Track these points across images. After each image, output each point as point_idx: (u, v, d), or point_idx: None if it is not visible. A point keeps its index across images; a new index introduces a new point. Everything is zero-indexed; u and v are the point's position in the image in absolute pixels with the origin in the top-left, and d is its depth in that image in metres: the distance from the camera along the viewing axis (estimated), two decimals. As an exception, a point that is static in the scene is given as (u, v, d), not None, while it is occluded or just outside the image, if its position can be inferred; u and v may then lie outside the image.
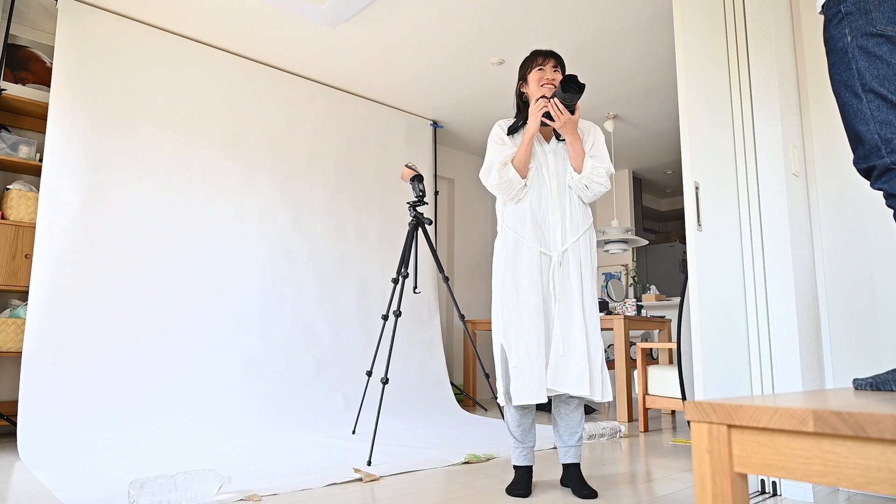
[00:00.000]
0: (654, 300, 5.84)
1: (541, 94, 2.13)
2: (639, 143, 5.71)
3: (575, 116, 2.05)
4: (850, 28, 1.25)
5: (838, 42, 1.27)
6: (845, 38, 1.26)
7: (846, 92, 1.26)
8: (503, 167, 2.07)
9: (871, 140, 1.21)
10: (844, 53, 1.25)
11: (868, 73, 1.22)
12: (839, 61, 1.27)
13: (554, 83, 2.13)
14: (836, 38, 1.28)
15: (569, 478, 2.10)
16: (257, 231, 3.81)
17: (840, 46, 1.26)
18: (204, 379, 3.34)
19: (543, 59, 2.17)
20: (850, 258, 2.19)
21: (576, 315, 2.03)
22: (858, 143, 1.25)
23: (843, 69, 1.26)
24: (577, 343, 2.01)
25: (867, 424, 0.66)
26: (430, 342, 4.59)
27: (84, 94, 3.24)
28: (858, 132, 1.24)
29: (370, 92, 4.58)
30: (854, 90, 1.24)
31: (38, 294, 2.91)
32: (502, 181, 2.07)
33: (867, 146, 1.23)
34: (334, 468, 2.47)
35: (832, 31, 1.29)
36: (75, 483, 2.22)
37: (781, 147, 2.13)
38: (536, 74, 2.16)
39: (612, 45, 3.83)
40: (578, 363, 1.99)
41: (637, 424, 3.81)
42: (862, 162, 1.25)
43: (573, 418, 2.10)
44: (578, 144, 2.10)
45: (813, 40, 2.36)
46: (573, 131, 2.08)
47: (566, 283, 2.06)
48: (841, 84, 1.27)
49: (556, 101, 2.02)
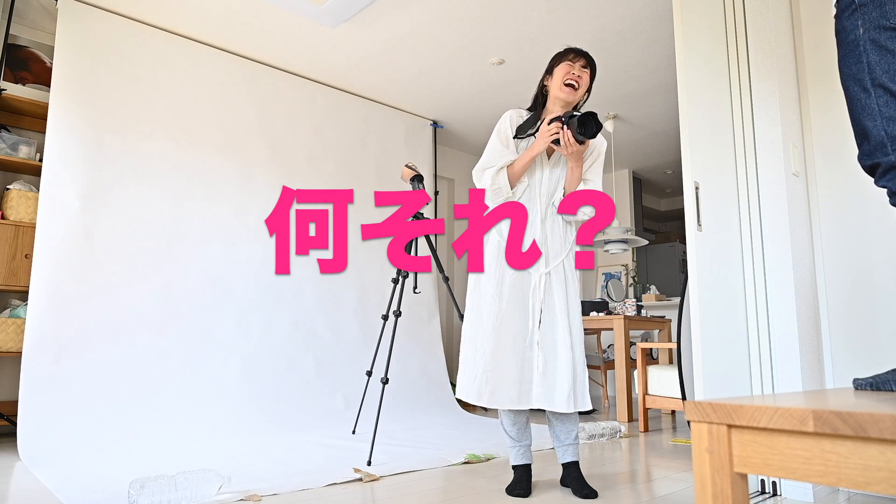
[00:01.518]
0: (654, 300, 5.84)
1: (560, 93, 2.09)
2: (639, 143, 5.71)
3: (584, 147, 2.02)
4: (863, 20, 1.21)
5: (850, 34, 1.23)
6: (857, 30, 1.21)
7: (855, 86, 1.23)
8: (497, 174, 2.06)
9: (877, 136, 1.19)
10: (855, 46, 1.22)
11: (879, 67, 1.18)
12: (849, 54, 1.23)
13: (578, 81, 2.09)
14: (848, 29, 1.24)
15: (569, 477, 2.09)
16: (257, 231, 3.81)
17: (851, 38, 1.23)
18: (204, 379, 3.33)
19: (575, 56, 2.12)
20: (851, 258, 2.19)
21: (560, 333, 2.02)
22: (864, 138, 1.22)
23: (853, 62, 1.22)
24: (562, 360, 2.00)
25: (867, 424, 0.66)
26: (430, 342, 4.59)
27: (84, 94, 3.24)
28: (865, 127, 1.21)
29: (370, 92, 4.57)
30: (863, 84, 1.21)
31: (38, 294, 2.91)
32: (493, 188, 2.06)
33: (872, 142, 1.20)
34: (334, 468, 2.47)
35: (844, 22, 1.25)
36: (75, 483, 2.22)
37: (781, 147, 2.13)
38: (564, 68, 2.10)
39: (612, 45, 3.83)
40: (565, 381, 1.98)
41: (637, 424, 3.81)
42: (866, 158, 1.22)
43: (569, 417, 2.11)
44: (578, 172, 2.07)
45: (813, 40, 2.36)
46: (578, 160, 2.05)
47: (549, 300, 2.04)
48: (850, 77, 1.24)
49: (569, 133, 1.97)
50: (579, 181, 2.08)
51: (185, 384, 3.25)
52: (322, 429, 3.50)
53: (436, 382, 4.42)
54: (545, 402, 1.99)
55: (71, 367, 2.92)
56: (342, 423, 3.61)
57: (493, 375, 1.98)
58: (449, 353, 5.44)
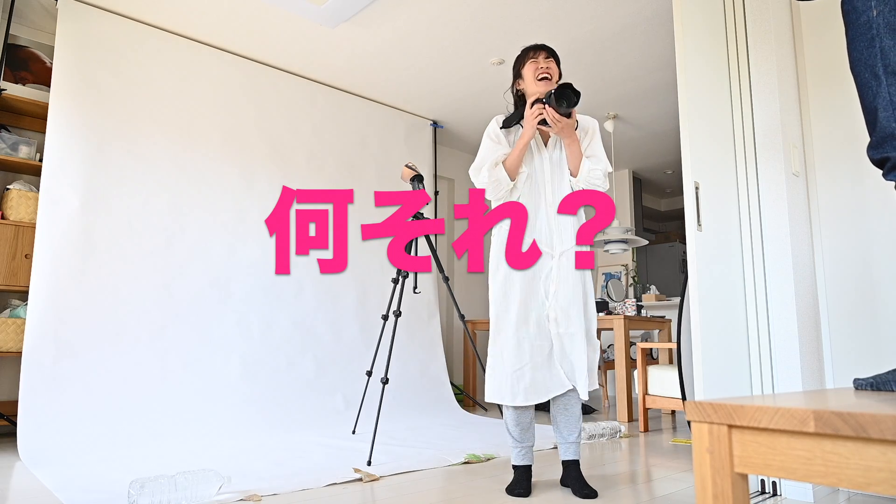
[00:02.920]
0: (654, 300, 5.84)
1: (537, 88, 2.12)
2: (639, 143, 5.71)
3: (571, 120, 2.04)
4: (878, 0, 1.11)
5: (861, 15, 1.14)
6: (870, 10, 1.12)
7: (865, 72, 1.14)
8: (494, 168, 2.08)
9: (886, 127, 1.11)
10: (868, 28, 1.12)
11: (892, 53, 1.10)
12: (860, 37, 1.14)
13: (549, 72, 2.12)
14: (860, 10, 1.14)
15: (569, 477, 2.10)
16: (257, 231, 3.81)
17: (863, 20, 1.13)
18: (204, 379, 3.33)
19: (535, 52, 2.17)
20: (850, 258, 2.19)
21: (575, 317, 2.04)
22: (873, 127, 1.15)
23: (865, 46, 1.13)
24: (578, 344, 2.03)
25: (868, 425, 0.66)
26: (430, 342, 4.58)
27: (84, 94, 3.23)
28: (876, 116, 1.13)
29: (370, 92, 4.57)
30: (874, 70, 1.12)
31: (38, 294, 2.91)
32: (491, 181, 2.07)
33: (881, 133, 1.13)
34: (334, 468, 2.47)
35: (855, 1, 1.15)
36: (75, 483, 2.22)
37: (781, 147, 2.13)
38: (531, 66, 2.15)
39: (612, 45, 3.83)
40: (582, 364, 2.01)
41: (637, 424, 3.81)
42: (875, 151, 1.16)
43: (574, 413, 2.12)
44: (576, 146, 2.10)
45: (813, 40, 2.36)
46: (570, 134, 2.08)
47: (564, 286, 2.06)
48: (860, 62, 1.15)
49: (552, 109, 2.00)
50: (579, 156, 2.10)
51: (185, 384, 3.25)
52: (322, 429, 3.50)
53: (436, 382, 4.42)
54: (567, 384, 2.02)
55: (71, 367, 2.92)
56: (342, 423, 3.61)
57: (522, 374, 2.00)
58: (449, 353, 5.44)
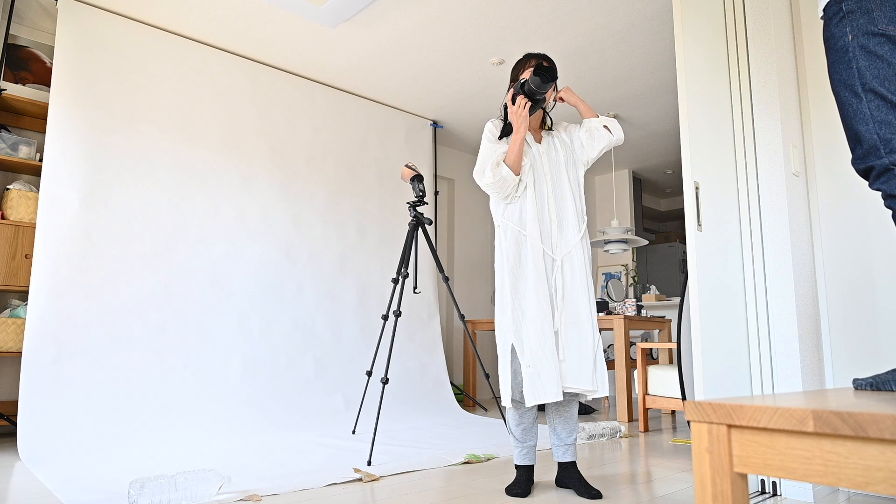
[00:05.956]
0: (654, 300, 5.84)
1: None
2: (639, 143, 5.71)
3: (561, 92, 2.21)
4: (852, 27, 1.23)
5: (839, 41, 1.26)
6: (846, 36, 1.24)
7: (846, 91, 1.25)
8: (496, 166, 2.08)
9: (869, 140, 1.21)
10: (845, 52, 1.24)
11: (868, 72, 1.21)
12: (839, 60, 1.26)
13: None
14: (837, 36, 1.26)
15: (569, 478, 2.10)
16: (257, 231, 3.81)
17: (841, 45, 1.25)
18: (204, 379, 3.34)
19: (536, 60, 2.17)
20: (850, 258, 2.19)
21: (583, 313, 2.05)
22: (857, 142, 1.24)
23: (844, 68, 1.25)
24: (587, 341, 2.04)
25: (867, 424, 0.66)
26: (430, 342, 4.58)
27: (84, 94, 3.24)
28: (857, 132, 1.23)
29: (370, 92, 4.57)
30: (854, 89, 1.23)
31: (38, 294, 2.91)
32: (496, 180, 2.07)
33: (865, 146, 1.22)
34: (334, 468, 2.47)
35: (833, 29, 1.28)
36: (75, 483, 2.22)
37: (781, 147, 2.13)
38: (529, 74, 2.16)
39: (612, 45, 3.83)
40: (589, 361, 2.02)
41: (637, 424, 3.81)
42: (860, 162, 1.24)
43: (572, 414, 2.13)
44: (582, 106, 2.25)
45: (813, 41, 2.36)
46: (570, 99, 2.24)
47: (572, 282, 2.07)
48: (841, 83, 1.26)
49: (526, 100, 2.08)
50: (590, 110, 2.26)
51: (185, 384, 3.25)
52: (322, 429, 3.50)
53: (436, 382, 4.42)
54: (574, 381, 2.02)
55: (71, 367, 2.92)
56: (342, 423, 3.61)
57: (534, 374, 2.00)
58: (449, 353, 5.44)
